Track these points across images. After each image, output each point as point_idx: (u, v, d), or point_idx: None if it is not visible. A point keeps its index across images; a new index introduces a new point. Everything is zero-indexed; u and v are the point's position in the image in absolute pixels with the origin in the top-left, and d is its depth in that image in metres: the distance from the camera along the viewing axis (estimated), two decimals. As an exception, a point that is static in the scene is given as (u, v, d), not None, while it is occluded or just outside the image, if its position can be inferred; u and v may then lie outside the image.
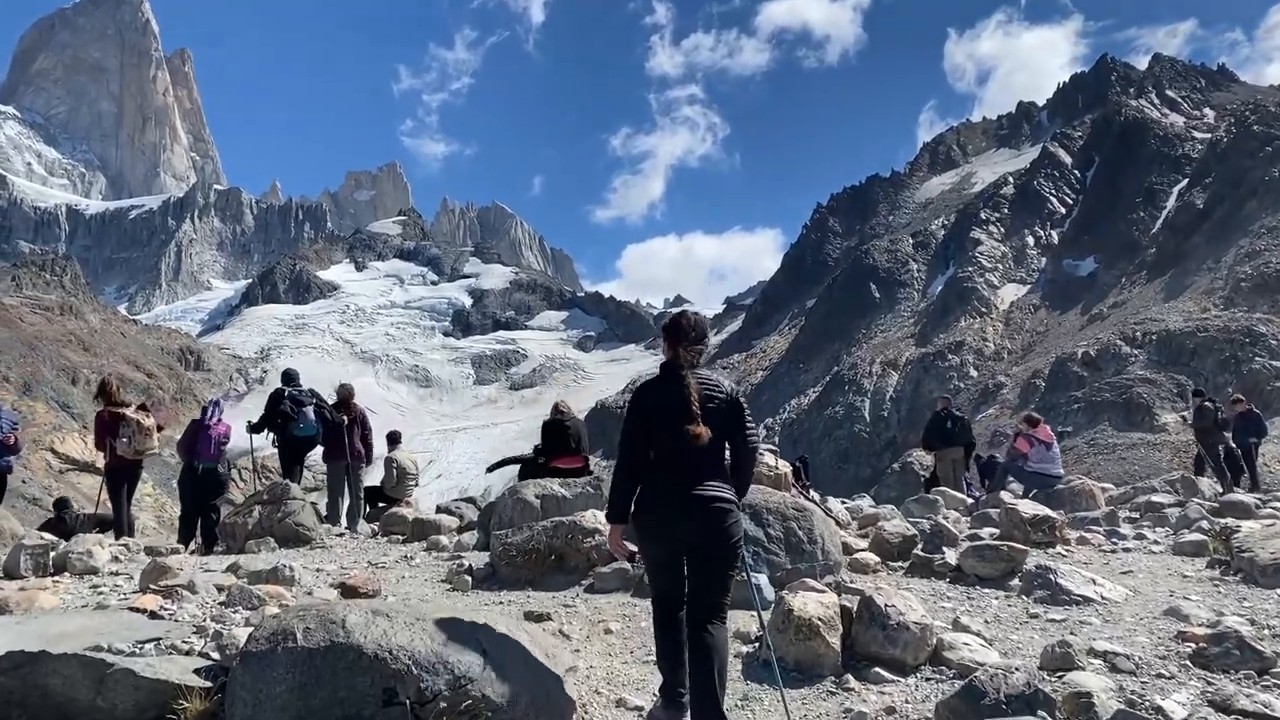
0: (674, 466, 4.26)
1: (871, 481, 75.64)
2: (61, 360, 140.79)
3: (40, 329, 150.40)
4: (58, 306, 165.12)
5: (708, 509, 4.22)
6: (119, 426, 10.47)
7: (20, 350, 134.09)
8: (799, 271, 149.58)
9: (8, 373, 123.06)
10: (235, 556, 8.34)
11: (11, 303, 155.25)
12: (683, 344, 4.46)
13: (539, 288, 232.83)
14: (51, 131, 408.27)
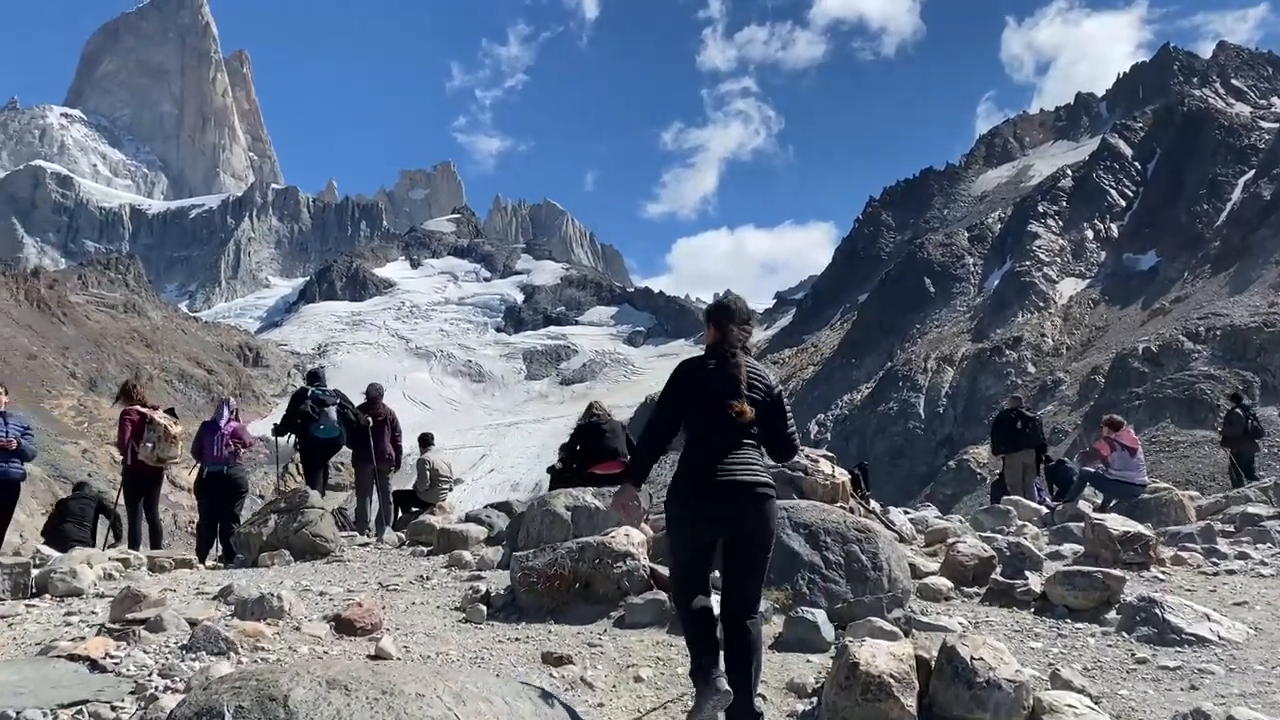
0: (714, 449, 4.11)
1: (926, 479, 74.27)
2: (126, 356, 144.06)
3: (105, 326, 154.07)
4: (122, 304, 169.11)
5: (753, 494, 4.10)
6: (144, 430, 9.94)
7: (86, 347, 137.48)
8: (851, 265, 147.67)
9: (74, 369, 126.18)
10: (241, 574, 7.73)
11: (78, 300, 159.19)
12: (734, 323, 4.36)
13: (589, 284, 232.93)
14: (116, 133, 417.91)
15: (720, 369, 4.19)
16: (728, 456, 4.08)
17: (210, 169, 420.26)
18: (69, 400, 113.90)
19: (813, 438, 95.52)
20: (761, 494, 4.10)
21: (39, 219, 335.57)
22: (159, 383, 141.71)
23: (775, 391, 4.29)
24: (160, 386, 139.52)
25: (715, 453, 4.08)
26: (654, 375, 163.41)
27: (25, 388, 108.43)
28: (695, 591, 4.15)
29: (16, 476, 9.56)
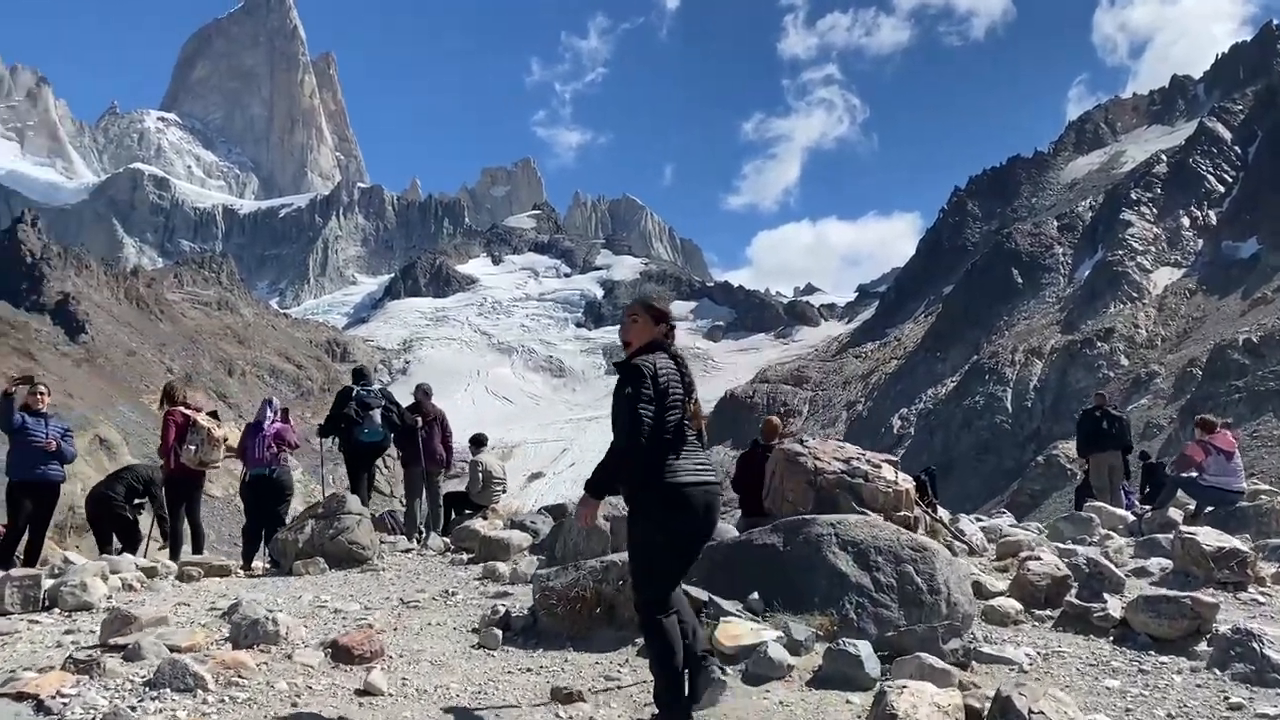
0: (689, 448, 4.17)
1: (1014, 474, 72.26)
2: (219, 352, 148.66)
3: (200, 323, 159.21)
4: (215, 302, 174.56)
5: (719, 496, 4.21)
6: (187, 432, 9.84)
7: (182, 343, 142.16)
8: (936, 257, 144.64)
9: (171, 364, 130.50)
10: (269, 584, 7.52)
11: (174, 298, 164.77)
12: (669, 323, 4.46)
13: (668, 278, 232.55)
14: (209, 136, 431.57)
15: (679, 367, 4.28)
16: (698, 456, 4.19)
17: (299, 169, 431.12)
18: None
19: (895, 432, 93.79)
20: (719, 494, 4.20)
21: (137, 220, 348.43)
22: (250, 378, 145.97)
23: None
24: (252, 382, 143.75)
25: (692, 452, 4.16)
26: (733, 370, 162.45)
27: (125, 383, 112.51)
28: (671, 595, 4.08)
29: (56, 478, 9.51)
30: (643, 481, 4.02)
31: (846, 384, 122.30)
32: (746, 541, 5.82)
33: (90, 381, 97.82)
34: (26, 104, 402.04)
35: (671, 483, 4.01)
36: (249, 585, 7.50)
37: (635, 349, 4.31)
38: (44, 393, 9.49)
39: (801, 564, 5.46)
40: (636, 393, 4.01)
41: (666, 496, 4.00)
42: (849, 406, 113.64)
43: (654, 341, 4.34)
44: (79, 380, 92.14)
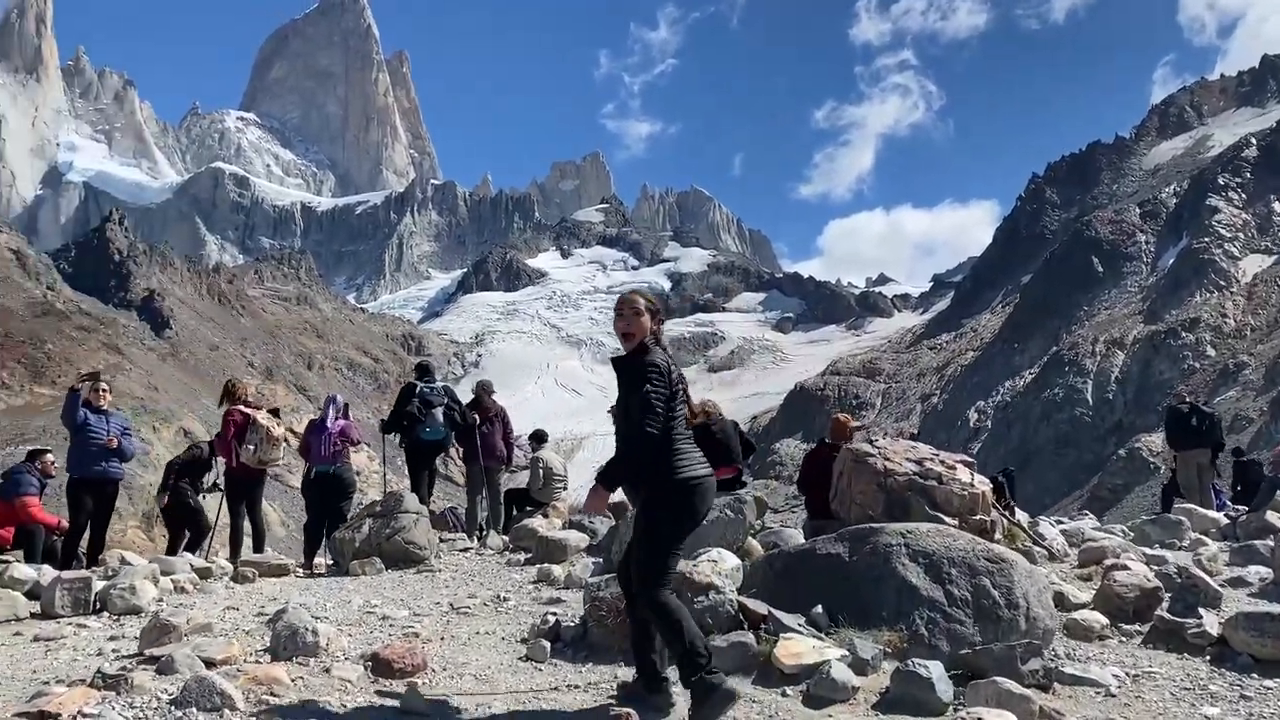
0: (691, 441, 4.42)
1: (1094, 467, 70.40)
2: (298, 346, 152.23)
3: (280, 318, 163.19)
4: (294, 297, 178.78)
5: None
6: (247, 431, 9.85)
7: (263, 338, 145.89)
8: (1013, 246, 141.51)
9: (252, 358, 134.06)
10: (322, 586, 7.43)
11: (255, 294, 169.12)
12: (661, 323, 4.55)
13: (737, 270, 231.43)
14: (287, 135, 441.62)
15: (674, 365, 4.40)
16: (699, 450, 4.44)
17: (374, 167, 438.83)
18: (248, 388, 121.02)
19: (971, 425, 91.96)
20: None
21: (219, 218, 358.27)
22: (329, 371, 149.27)
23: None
24: (330, 375, 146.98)
25: (695, 447, 4.40)
26: (804, 362, 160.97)
27: (208, 377, 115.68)
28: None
29: (116, 476, 9.60)
30: (659, 475, 4.16)
31: (921, 376, 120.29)
32: (809, 550, 5.50)
33: (175, 375, 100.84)
34: (114, 106, 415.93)
35: (686, 476, 4.19)
36: (302, 587, 7.42)
37: (638, 343, 4.37)
38: (106, 389, 9.58)
39: (869, 575, 5.13)
40: (657, 389, 4.15)
41: (680, 489, 4.17)
42: (923, 399, 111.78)
43: (655, 336, 4.44)
44: (164, 374, 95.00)
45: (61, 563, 9.11)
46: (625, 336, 4.39)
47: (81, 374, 9.79)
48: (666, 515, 4.18)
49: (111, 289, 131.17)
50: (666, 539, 4.19)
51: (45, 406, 68.71)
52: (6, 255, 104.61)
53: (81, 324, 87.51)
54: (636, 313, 4.37)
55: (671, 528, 4.20)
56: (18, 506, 9.46)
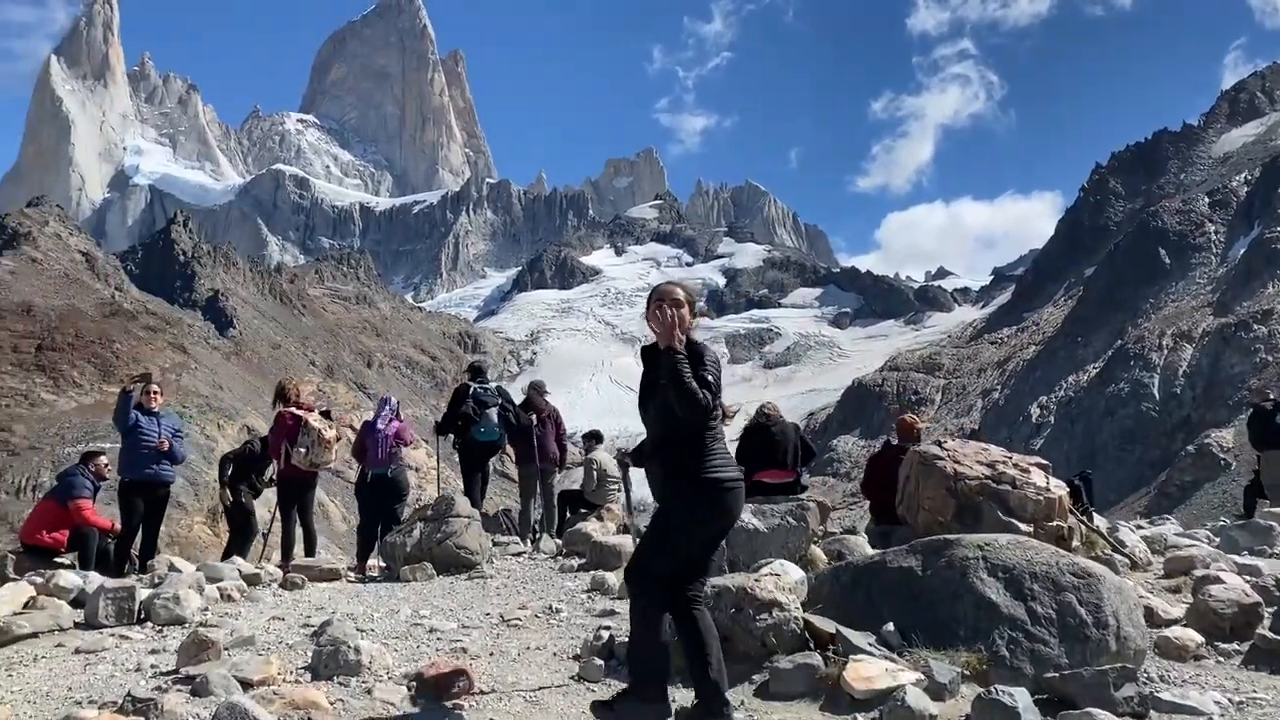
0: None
1: (1161, 464, 68.59)
2: (358, 345, 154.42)
3: (340, 317, 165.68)
4: (354, 296, 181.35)
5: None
6: (298, 433, 9.76)
7: (323, 337, 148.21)
8: (1076, 238, 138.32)
9: (314, 357, 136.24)
10: (371, 593, 7.26)
11: (316, 294, 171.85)
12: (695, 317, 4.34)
13: (792, 265, 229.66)
14: (345, 136, 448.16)
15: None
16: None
17: (430, 166, 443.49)
18: (309, 386, 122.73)
19: (1034, 421, 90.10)
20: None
21: (280, 219, 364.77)
22: (388, 369, 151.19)
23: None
24: (389, 373, 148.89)
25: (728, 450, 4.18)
26: (861, 358, 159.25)
27: (271, 375, 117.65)
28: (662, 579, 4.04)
29: (167, 478, 9.53)
30: (685, 471, 3.98)
31: (981, 371, 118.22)
32: (879, 563, 5.16)
33: (239, 374, 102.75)
34: (178, 110, 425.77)
35: (715, 477, 4.00)
36: (351, 594, 7.25)
37: (680, 337, 4.07)
38: (158, 391, 9.54)
39: (944, 591, 4.79)
40: (717, 377, 4.04)
41: (705, 489, 3.98)
42: (984, 394, 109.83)
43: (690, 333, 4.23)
44: (228, 373, 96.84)
45: (114, 566, 9.10)
46: (662, 328, 4.10)
47: (133, 375, 9.76)
48: (683, 514, 3.99)
49: (177, 289, 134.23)
50: (674, 537, 4.00)
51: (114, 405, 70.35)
52: (77, 257, 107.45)
53: (148, 324, 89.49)
54: (677, 304, 4.15)
55: (685, 528, 4.01)
56: (71, 509, 9.45)
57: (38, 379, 69.47)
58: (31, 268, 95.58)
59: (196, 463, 61.66)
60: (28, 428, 63.36)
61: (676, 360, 3.92)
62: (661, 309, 4.07)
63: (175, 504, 56.35)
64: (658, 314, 4.06)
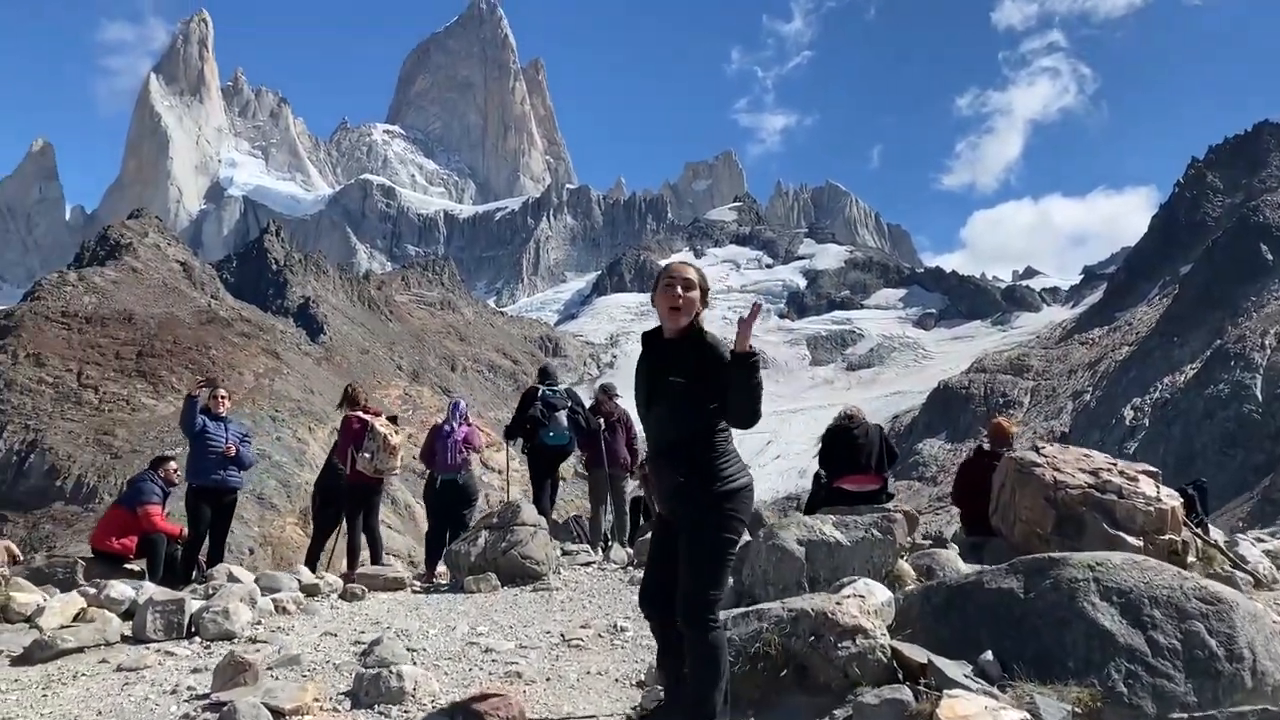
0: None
1: (1264, 469, 65.75)
2: (443, 349, 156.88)
3: (425, 322, 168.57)
4: (438, 302, 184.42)
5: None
6: (364, 438, 9.50)
7: (409, 342, 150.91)
8: (1170, 234, 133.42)
9: (400, 361, 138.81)
10: (432, 605, 6.99)
11: (402, 300, 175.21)
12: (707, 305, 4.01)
13: (875, 265, 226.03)
14: (430, 145, 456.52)
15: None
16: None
17: (512, 173, 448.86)
18: (396, 390, 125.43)
19: (1127, 424, 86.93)
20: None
21: (368, 227, 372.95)
22: (471, 373, 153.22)
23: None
24: (473, 376, 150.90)
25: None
26: (946, 359, 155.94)
27: (359, 379, 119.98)
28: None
29: (234, 484, 9.44)
30: (708, 481, 3.65)
31: (1072, 373, 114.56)
32: (976, 583, 4.65)
33: (329, 378, 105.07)
34: (270, 123, 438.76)
35: (740, 484, 3.75)
36: (411, 606, 7.00)
37: (692, 321, 3.84)
38: (225, 396, 9.46)
39: (1050, 616, 4.27)
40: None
41: (732, 499, 3.70)
42: (1075, 396, 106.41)
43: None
44: (319, 377, 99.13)
45: (181, 572, 9.02)
46: (673, 311, 3.79)
47: (199, 380, 9.70)
48: (721, 532, 3.65)
49: (270, 297, 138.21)
50: (723, 560, 3.68)
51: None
52: (175, 267, 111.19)
53: (243, 330, 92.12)
54: (688, 285, 3.82)
55: (729, 547, 3.70)
56: (140, 515, 9.42)
57: (138, 384, 71.92)
58: (132, 277, 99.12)
59: (289, 465, 63.30)
60: (129, 431, 65.69)
61: (756, 366, 3.55)
62: (672, 290, 3.76)
63: (268, 505, 57.84)
64: (678, 297, 3.74)
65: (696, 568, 3.65)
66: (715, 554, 3.65)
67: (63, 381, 74.66)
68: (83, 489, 59.07)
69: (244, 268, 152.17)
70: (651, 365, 3.82)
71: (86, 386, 72.30)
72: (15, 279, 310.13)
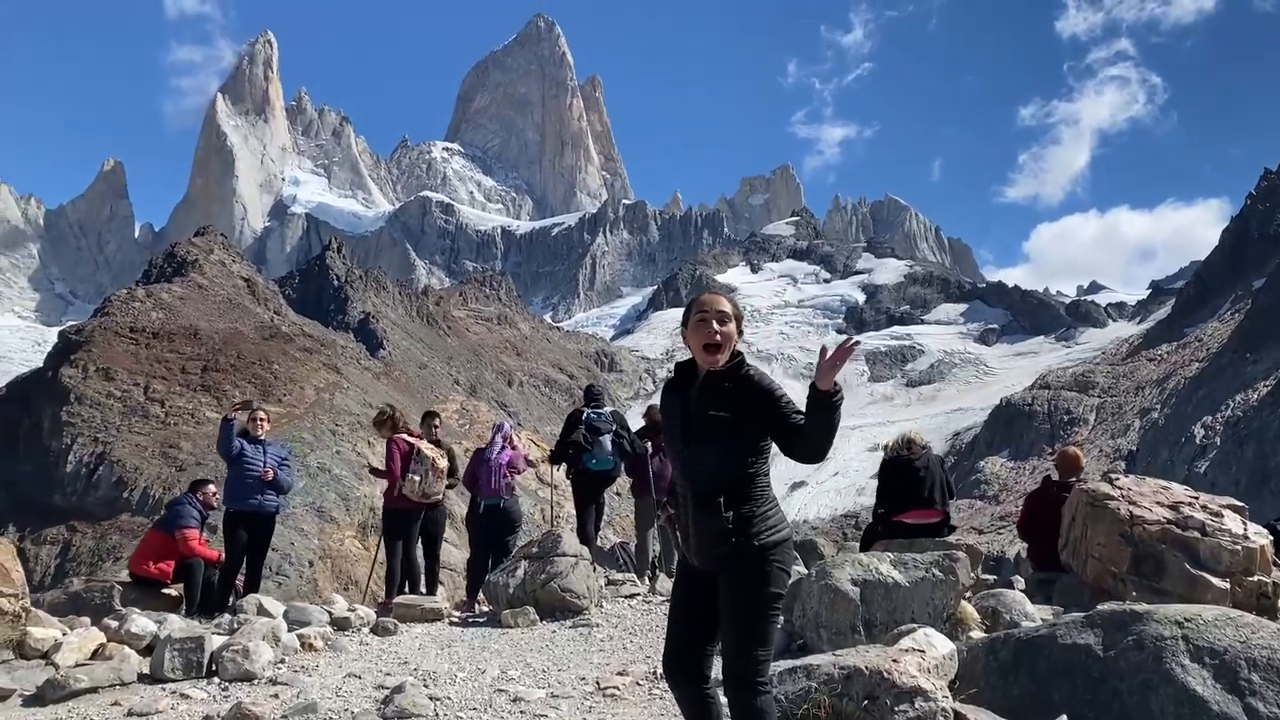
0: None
1: (1350, 494, 62.86)
2: (500, 364, 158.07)
3: (482, 337, 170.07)
4: (495, 317, 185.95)
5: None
6: (411, 461, 9.21)
7: (467, 356, 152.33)
8: (1242, 247, 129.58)
9: (458, 376, 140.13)
10: (464, 643, 6.71)
11: (460, 315, 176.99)
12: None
13: (935, 280, 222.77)
14: (488, 162, 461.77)
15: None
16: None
17: (569, 190, 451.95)
18: (454, 404, 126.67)
19: (1198, 443, 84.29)
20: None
21: (427, 243, 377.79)
22: (528, 388, 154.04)
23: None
24: (529, 391, 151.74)
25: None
26: (1009, 376, 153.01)
27: (419, 394, 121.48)
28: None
29: (271, 509, 9.24)
30: (751, 535, 3.36)
31: (1139, 390, 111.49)
32: (1048, 637, 4.24)
33: (388, 393, 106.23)
34: (332, 142, 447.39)
35: (783, 536, 3.47)
36: (445, 643, 6.73)
37: (731, 354, 3.52)
38: (264, 418, 9.31)
39: (1133, 679, 3.85)
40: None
41: (777, 552, 3.43)
42: (1142, 414, 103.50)
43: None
44: (379, 392, 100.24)
45: (217, 599, 8.85)
46: (709, 349, 3.47)
47: (235, 402, 9.58)
48: (769, 587, 3.35)
49: (331, 312, 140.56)
50: (772, 618, 3.37)
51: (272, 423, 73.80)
52: (239, 283, 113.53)
53: (305, 345, 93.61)
54: (723, 318, 3.53)
55: (776, 602, 3.39)
56: (178, 539, 9.24)
57: (203, 398, 73.27)
58: (198, 293, 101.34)
59: (348, 479, 63.97)
60: (193, 445, 66.92)
61: (838, 405, 3.27)
62: (708, 325, 3.46)
63: (328, 518, 58.47)
64: (715, 333, 3.44)
65: (746, 627, 3.34)
66: (765, 611, 3.36)
67: (130, 395, 76.42)
68: (149, 501, 60.32)
69: (306, 284, 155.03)
70: (689, 399, 3.50)
71: (153, 400, 73.86)
72: (87, 295, 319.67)
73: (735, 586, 3.37)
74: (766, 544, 3.36)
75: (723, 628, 3.39)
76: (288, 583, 55.42)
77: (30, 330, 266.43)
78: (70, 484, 69.10)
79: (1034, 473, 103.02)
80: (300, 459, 67.70)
